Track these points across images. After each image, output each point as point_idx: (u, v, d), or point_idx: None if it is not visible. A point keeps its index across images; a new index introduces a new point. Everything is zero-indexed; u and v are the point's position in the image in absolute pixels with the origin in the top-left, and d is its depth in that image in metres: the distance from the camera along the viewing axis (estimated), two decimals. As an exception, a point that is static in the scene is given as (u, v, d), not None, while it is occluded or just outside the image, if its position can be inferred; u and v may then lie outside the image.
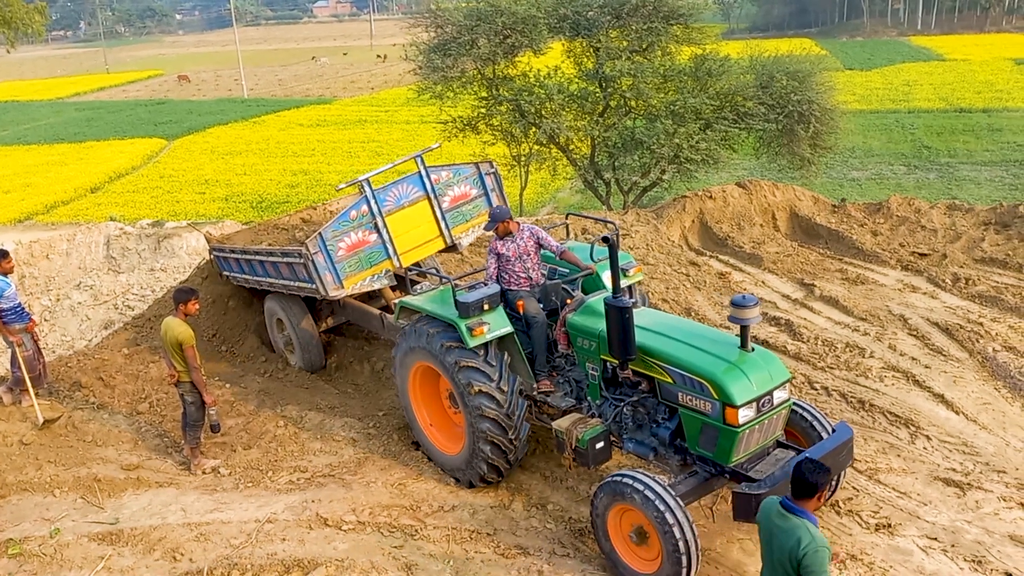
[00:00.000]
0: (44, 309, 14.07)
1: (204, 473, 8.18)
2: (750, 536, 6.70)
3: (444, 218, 9.65)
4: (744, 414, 5.87)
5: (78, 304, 14.16)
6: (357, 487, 7.59)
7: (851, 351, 9.94)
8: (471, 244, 10.93)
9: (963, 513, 6.96)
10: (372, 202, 9.07)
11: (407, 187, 9.44)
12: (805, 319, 11.04)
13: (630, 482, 5.88)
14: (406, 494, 7.48)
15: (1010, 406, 8.74)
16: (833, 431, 6.45)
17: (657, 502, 5.70)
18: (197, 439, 8.30)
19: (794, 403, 6.55)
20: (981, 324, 10.34)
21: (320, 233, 8.84)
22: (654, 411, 6.69)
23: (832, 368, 9.60)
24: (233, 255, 10.57)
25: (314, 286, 9.09)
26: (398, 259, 9.25)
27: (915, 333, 10.39)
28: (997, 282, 11.74)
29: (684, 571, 5.70)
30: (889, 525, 6.78)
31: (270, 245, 10.33)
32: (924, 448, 7.96)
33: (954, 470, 7.56)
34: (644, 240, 13.68)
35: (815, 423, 6.55)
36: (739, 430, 5.89)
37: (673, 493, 5.79)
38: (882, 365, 9.58)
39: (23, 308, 9.80)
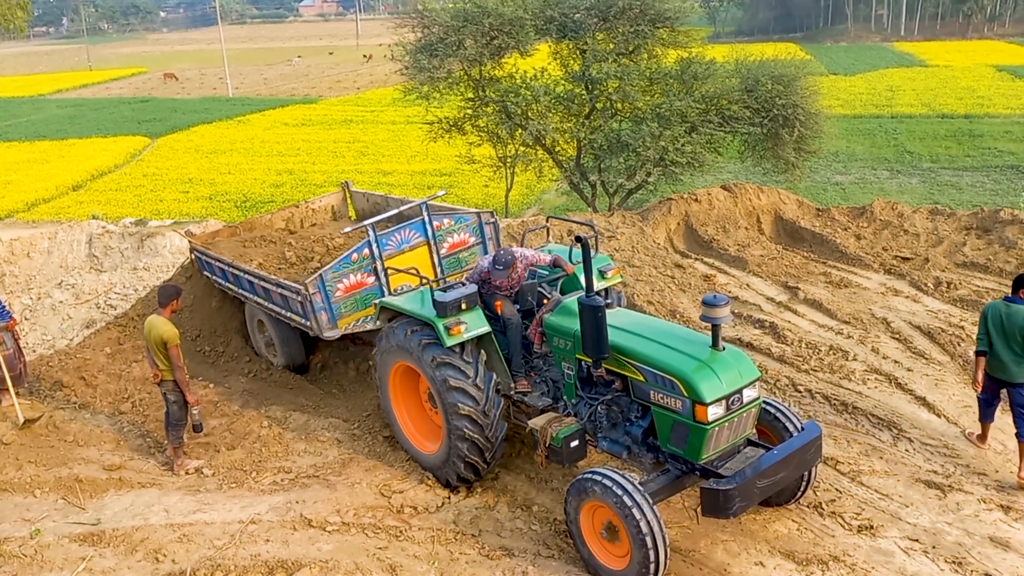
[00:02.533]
0: (25, 308, 13.94)
1: (187, 473, 8.12)
2: (735, 537, 6.74)
3: (440, 263, 9.80)
4: (713, 411, 5.97)
5: (59, 303, 14.03)
6: (341, 488, 7.57)
7: (834, 354, 10.01)
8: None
9: (944, 515, 7.02)
10: (375, 246, 9.18)
11: (409, 232, 9.58)
12: (789, 322, 11.11)
13: (599, 479, 6.00)
14: (391, 495, 7.47)
15: (990, 409, 8.81)
16: (802, 429, 6.56)
17: (624, 497, 5.81)
18: (180, 439, 8.24)
19: (765, 402, 6.65)
20: (962, 327, 10.44)
21: (321, 274, 8.92)
22: (627, 409, 6.79)
23: (816, 371, 9.66)
24: (219, 264, 10.47)
25: (308, 323, 9.14)
26: None
27: (897, 336, 10.48)
28: (978, 286, 11.86)
29: (653, 565, 5.81)
30: (871, 527, 6.83)
31: (262, 264, 10.27)
32: (906, 450, 8.03)
33: (935, 472, 7.63)
34: (629, 242, 13.72)
35: (786, 422, 6.65)
36: (708, 427, 6.00)
37: (640, 488, 5.91)
38: (865, 368, 9.66)
39: (3, 307, 9.72)
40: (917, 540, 6.70)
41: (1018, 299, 7.53)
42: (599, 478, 6.02)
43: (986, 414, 7.91)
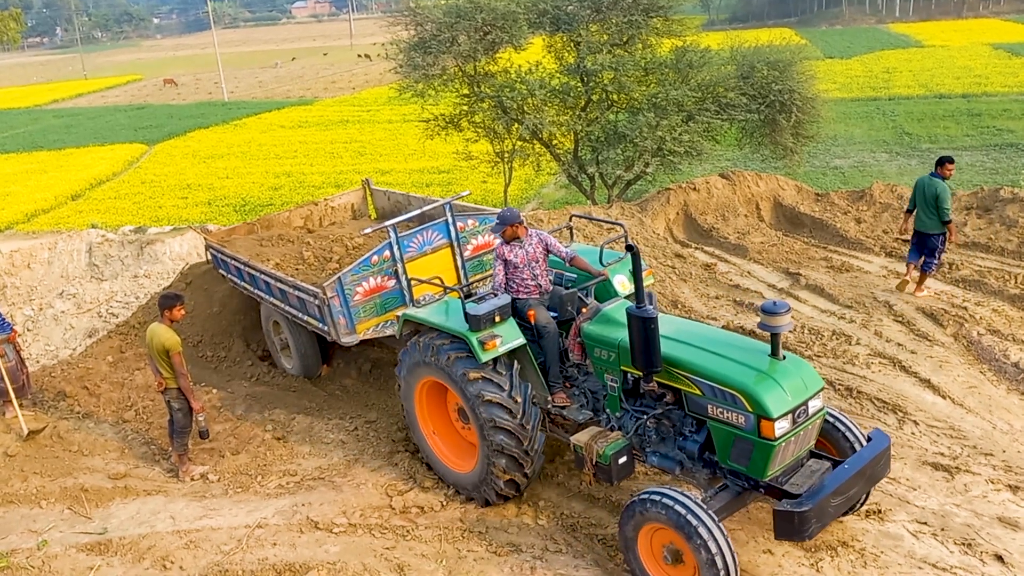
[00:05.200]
0: (27, 319, 13.95)
1: (192, 480, 8.12)
2: (742, 526, 6.70)
3: (464, 267, 9.34)
4: (780, 426, 5.60)
5: (61, 313, 14.04)
6: (347, 489, 7.56)
7: (837, 339, 9.98)
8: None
9: (952, 497, 6.99)
10: (396, 248, 8.72)
11: (432, 233, 9.11)
12: (791, 308, 11.06)
13: (658, 499, 5.62)
14: (396, 495, 7.45)
15: (995, 389, 8.80)
16: (869, 439, 6.26)
17: (689, 517, 5.44)
18: (185, 446, 8.24)
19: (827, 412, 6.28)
20: (965, 308, 10.41)
21: (339, 277, 8.54)
22: (680, 424, 6.39)
23: (819, 356, 9.63)
24: (235, 263, 10.23)
25: (325, 327, 8.83)
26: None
27: (900, 319, 10.45)
28: (980, 266, 11.82)
29: None
30: (879, 511, 6.81)
31: (279, 265, 10.03)
32: (912, 433, 8.00)
33: (942, 454, 7.60)
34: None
35: (845, 431, 6.35)
36: (775, 443, 5.62)
37: (707, 508, 5.55)
38: (868, 352, 9.63)
39: (4, 319, 9.72)
40: (926, 523, 6.67)
41: (936, 175, 10.91)
42: (658, 498, 5.61)
43: (912, 255, 11.17)
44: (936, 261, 11.11)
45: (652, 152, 18.62)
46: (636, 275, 6.10)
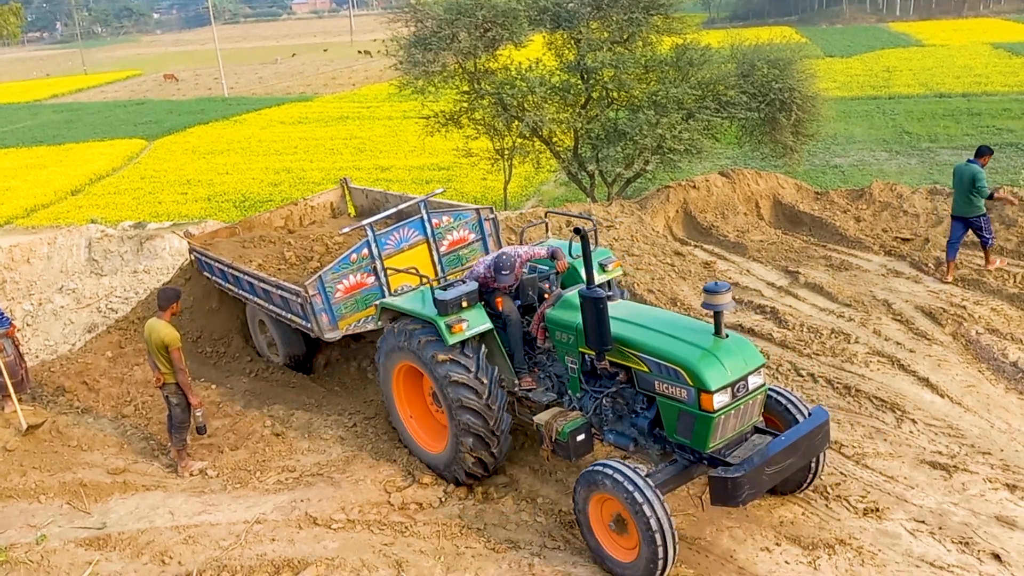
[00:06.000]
0: (26, 314, 13.94)
1: (191, 475, 8.13)
2: (740, 524, 6.74)
3: (441, 261, 9.70)
4: (719, 399, 5.92)
5: (60, 308, 14.03)
6: (346, 485, 7.57)
7: (836, 337, 9.98)
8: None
9: (950, 495, 7.01)
10: (374, 245, 9.09)
11: (408, 231, 9.48)
12: (790, 306, 11.08)
13: (608, 472, 5.97)
14: (395, 491, 7.46)
15: (994, 388, 8.81)
16: (809, 415, 6.51)
17: (635, 492, 5.77)
18: (183, 441, 8.24)
19: (770, 389, 6.60)
20: (964, 307, 10.41)
21: (320, 276, 8.86)
22: (632, 401, 6.74)
23: (818, 355, 9.64)
24: (218, 265, 10.42)
25: (308, 324, 9.08)
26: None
27: (899, 318, 10.45)
28: (979, 265, 11.82)
29: (661, 561, 5.78)
30: (877, 509, 6.82)
31: (261, 265, 10.20)
32: (910, 432, 8.01)
33: (940, 453, 7.61)
34: (629, 231, 13.69)
35: (792, 408, 6.60)
36: (714, 416, 5.94)
37: (647, 479, 5.87)
38: (867, 350, 9.63)
39: (3, 313, 9.71)
40: (923, 521, 6.69)
41: (974, 161, 11.31)
42: (608, 471, 5.97)
43: (951, 251, 11.49)
44: (990, 236, 11.53)
45: (652, 150, 18.62)
46: (586, 257, 6.42)
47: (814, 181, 27.01)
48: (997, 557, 6.24)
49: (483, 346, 7.27)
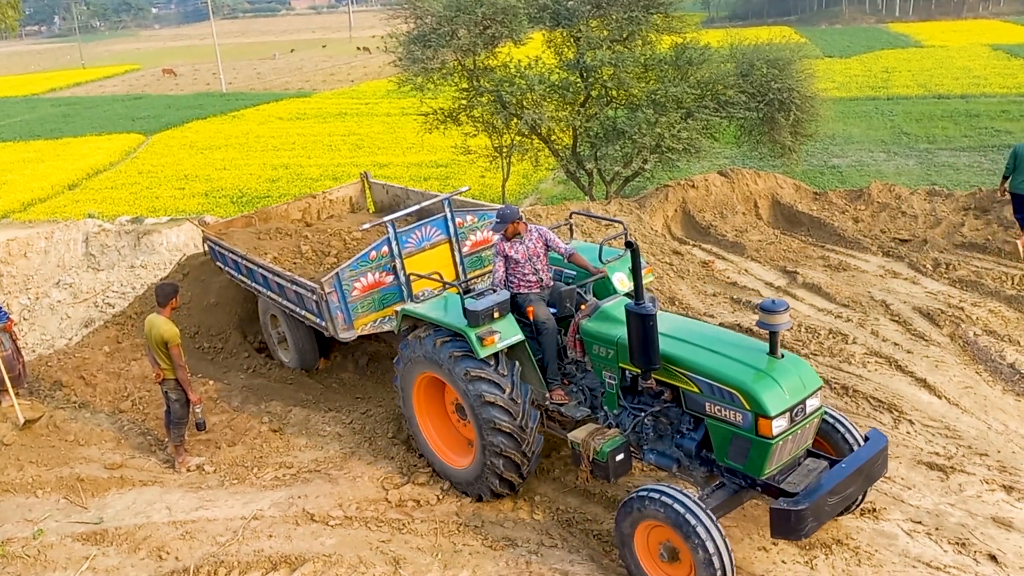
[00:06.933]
0: (23, 308, 13.93)
1: (189, 471, 8.12)
2: (737, 523, 6.71)
3: (463, 263, 9.32)
4: (778, 425, 5.58)
5: (58, 302, 14.02)
6: (343, 482, 7.57)
7: (834, 337, 10.00)
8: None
9: (946, 496, 7.02)
10: (394, 243, 8.68)
11: (431, 229, 9.07)
12: (790, 307, 11.08)
13: (656, 496, 5.60)
14: (392, 488, 7.46)
15: (991, 389, 8.83)
16: (866, 439, 6.24)
17: (689, 516, 5.42)
18: (181, 437, 8.23)
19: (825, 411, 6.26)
20: (962, 308, 10.44)
21: (337, 272, 8.52)
22: (678, 421, 6.38)
23: (816, 355, 9.65)
24: (232, 256, 10.20)
25: (323, 323, 8.80)
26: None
27: (897, 318, 10.47)
28: (977, 267, 11.85)
29: None
30: (874, 510, 6.83)
31: (276, 258, 9.99)
32: (907, 432, 8.02)
33: (937, 454, 7.63)
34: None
35: (843, 431, 6.34)
36: (772, 441, 5.61)
37: (704, 507, 5.54)
38: (865, 351, 9.65)
39: (0, 307, 9.69)
40: (920, 522, 6.70)
41: None
42: (656, 495, 5.58)
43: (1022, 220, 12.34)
44: None
45: (651, 149, 18.61)
46: (635, 272, 6.05)
47: (812, 181, 27.04)
48: (993, 558, 6.26)
49: (516, 362, 6.89)
